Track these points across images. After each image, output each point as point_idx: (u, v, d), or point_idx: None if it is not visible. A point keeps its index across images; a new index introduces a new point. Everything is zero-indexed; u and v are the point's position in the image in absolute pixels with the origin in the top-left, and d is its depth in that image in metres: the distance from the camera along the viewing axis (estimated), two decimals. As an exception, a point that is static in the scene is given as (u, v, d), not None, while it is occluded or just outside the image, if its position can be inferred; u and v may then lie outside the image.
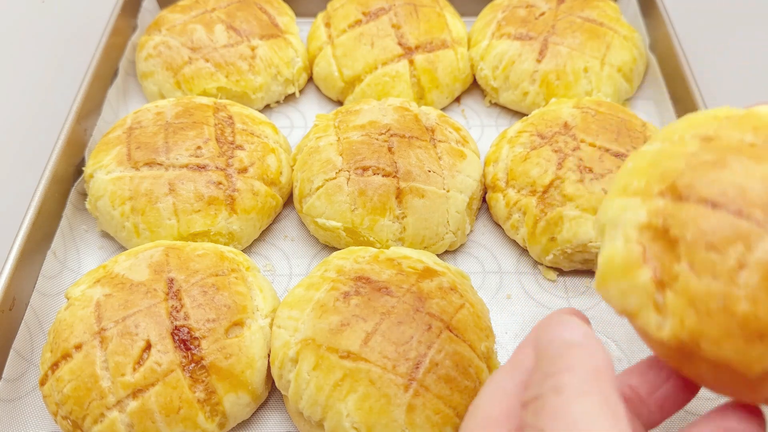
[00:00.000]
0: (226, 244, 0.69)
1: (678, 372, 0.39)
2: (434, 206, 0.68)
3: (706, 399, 0.61)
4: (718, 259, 0.32)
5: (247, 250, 0.73)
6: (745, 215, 0.32)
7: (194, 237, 0.68)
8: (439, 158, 0.70)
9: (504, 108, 0.87)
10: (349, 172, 0.68)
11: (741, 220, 0.32)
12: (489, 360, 0.57)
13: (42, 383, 0.57)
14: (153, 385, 0.54)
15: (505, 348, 0.65)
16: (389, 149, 0.70)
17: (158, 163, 0.69)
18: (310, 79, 0.90)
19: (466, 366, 0.54)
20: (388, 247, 0.67)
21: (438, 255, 0.71)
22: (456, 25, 0.88)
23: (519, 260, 0.72)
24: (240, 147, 0.72)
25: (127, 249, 0.70)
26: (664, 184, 0.36)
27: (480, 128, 0.85)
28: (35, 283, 0.67)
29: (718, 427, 0.36)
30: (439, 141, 0.72)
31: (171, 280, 0.59)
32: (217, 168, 0.69)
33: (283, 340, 0.57)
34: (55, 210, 0.72)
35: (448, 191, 0.69)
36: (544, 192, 0.67)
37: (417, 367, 0.52)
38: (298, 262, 0.72)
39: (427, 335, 0.54)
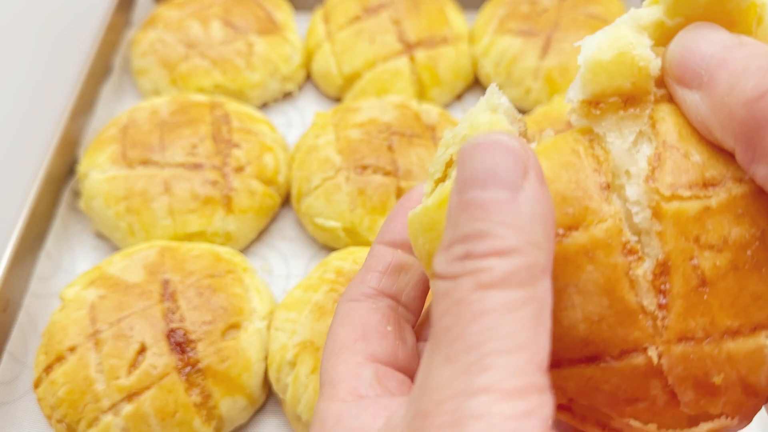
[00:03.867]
0: (222, 244, 0.68)
1: None
2: (435, 206, 0.66)
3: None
4: None
5: (244, 250, 0.71)
6: None
7: (190, 237, 0.67)
8: (440, 157, 0.69)
9: (506, 105, 0.86)
10: (348, 171, 0.67)
11: None
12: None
13: (36, 386, 0.56)
14: (148, 388, 0.53)
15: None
16: (389, 147, 0.69)
17: (153, 162, 0.68)
18: (309, 77, 0.89)
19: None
20: (387, 248, 0.66)
21: (438, 255, 0.70)
22: (457, 21, 0.86)
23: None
24: (236, 145, 0.71)
25: (122, 249, 0.69)
26: None
27: (481, 126, 0.84)
28: (29, 284, 0.66)
29: None
30: (440, 139, 0.71)
31: (166, 282, 0.58)
32: (213, 167, 0.68)
33: (281, 342, 0.57)
34: (48, 210, 0.71)
35: (448, 190, 0.68)
36: (547, 191, 0.66)
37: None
38: (296, 263, 0.71)
39: (428, 338, 0.53)
